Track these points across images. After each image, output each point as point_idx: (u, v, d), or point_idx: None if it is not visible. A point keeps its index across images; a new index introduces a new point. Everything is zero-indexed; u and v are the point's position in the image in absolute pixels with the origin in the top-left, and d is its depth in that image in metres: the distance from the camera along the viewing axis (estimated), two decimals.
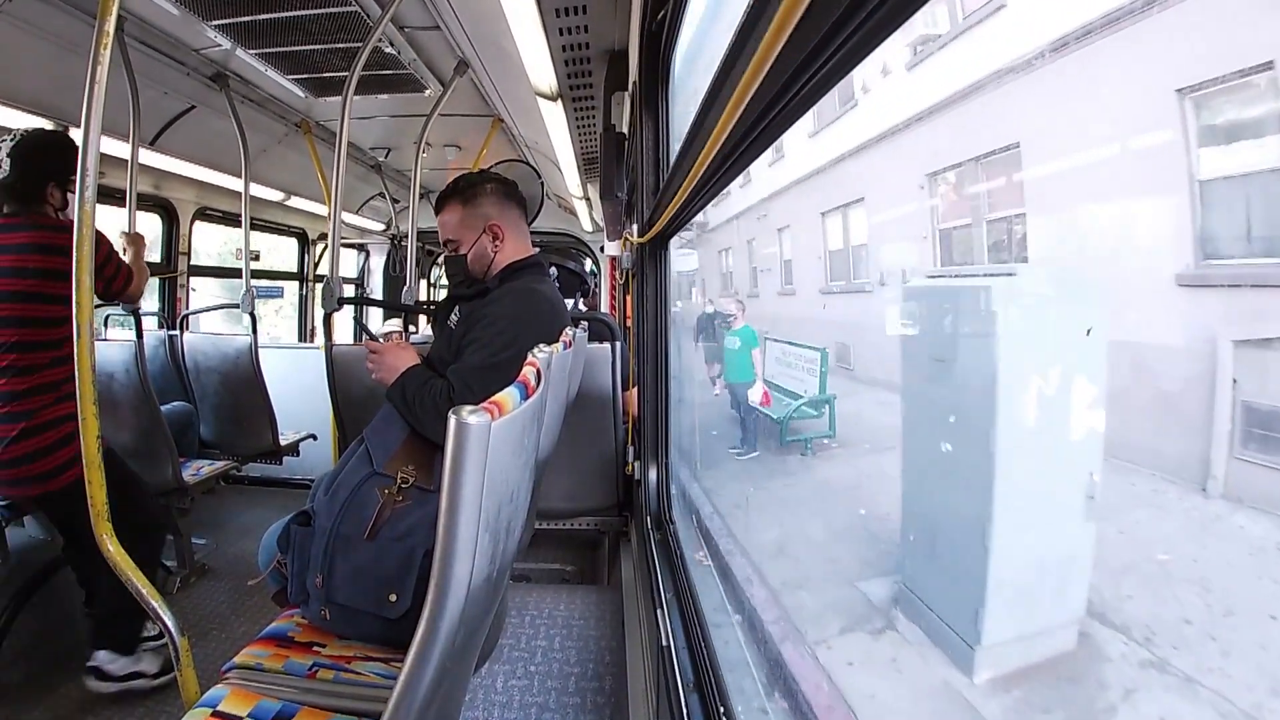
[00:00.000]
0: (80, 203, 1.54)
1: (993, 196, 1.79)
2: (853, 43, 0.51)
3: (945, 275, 1.99)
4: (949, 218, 2.04)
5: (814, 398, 3.57)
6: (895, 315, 2.22)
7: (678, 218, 1.56)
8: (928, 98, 2.12)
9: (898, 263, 2.88)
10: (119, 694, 2.11)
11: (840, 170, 3.33)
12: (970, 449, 1.60)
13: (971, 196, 1.90)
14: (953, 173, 2.05)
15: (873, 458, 3.16)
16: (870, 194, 3.20)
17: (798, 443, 3.63)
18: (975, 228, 1.90)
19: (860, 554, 2.41)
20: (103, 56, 1.50)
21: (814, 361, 3.65)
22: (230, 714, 1.20)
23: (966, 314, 1.63)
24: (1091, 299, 1.32)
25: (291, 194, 4.75)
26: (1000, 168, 1.75)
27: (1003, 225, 1.77)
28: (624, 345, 2.58)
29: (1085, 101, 1.35)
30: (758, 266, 5.39)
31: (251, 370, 3.39)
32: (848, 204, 3.44)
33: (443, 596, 0.72)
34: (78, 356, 1.57)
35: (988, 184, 1.82)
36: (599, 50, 2.64)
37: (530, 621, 2.13)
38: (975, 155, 1.84)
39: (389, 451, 1.53)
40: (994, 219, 1.82)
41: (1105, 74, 1.25)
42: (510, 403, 0.79)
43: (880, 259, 3.09)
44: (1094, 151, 1.28)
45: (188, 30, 2.69)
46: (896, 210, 2.81)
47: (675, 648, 1.41)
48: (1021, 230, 1.67)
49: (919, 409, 1.92)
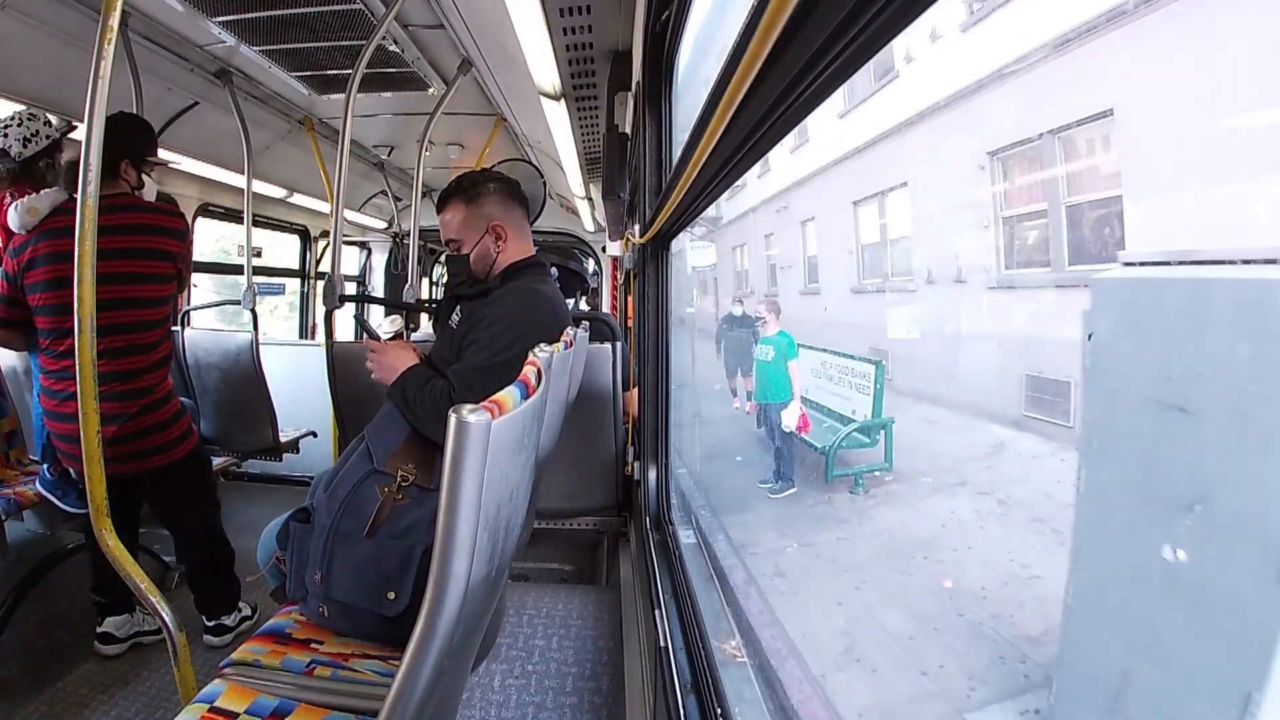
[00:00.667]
0: (82, 199, 1.54)
1: (1078, 176, 1.49)
2: (857, 44, 0.51)
3: (1186, 262, 1.18)
4: (1017, 203, 1.78)
5: (867, 421, 2.92)
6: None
7: (679, 218, 1.56)
8: (987, 63, 1.80)
9: (949, 257, 2.54)
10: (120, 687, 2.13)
11: (877, 153, 2.97)
12: (1233, 564, 0.96)
13: (1047, 177, 1.59)
14: (1023, 149, 1.73)
15: (942, 500, 2.65)
16: (915, 178, 2.81)
17: (845, 477, 2.98)
18: (1052, 214, 1.59)
19: (962, 658, 1.86)
20: (106, 52, 1.50)
21: (866, 376, 2.99)
22: (227, 710, 1.20)
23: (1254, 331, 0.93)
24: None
25: (294, 191, 4.75)
26: (1086, 141, 1.42)
27: (1089, 210, 1.45)
28: (624, 345, 2.58)
29: (1218, 50, 0.99)
30: (777, 263, 5.02)
31: (252, 367, 3.38)
32: (886, 191, 3.05)
33: (441, 594, 0.72)
34: (78, 352, 1.57)
35: (1071, 163, 1.50)
36: (602, 50, 2.65)
37: (528, 621, 2.13)
38: (1052, 128, 1.53)
39: (389, 449, 1.53)
40: (1077, 203, 1.50)
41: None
42: (510, 402, 0.79)
43: (927, 253, 2.71)
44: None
45: (191, 26, 2.69)
46: (948, 197, 2.48)
47: (673, 648, 1.41)
48: (1111, 214, 1.31)
49: (1115, 476, 1.25)
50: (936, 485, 2.66)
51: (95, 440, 1.62)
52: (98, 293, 1.81)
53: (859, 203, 3.20)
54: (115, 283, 2.02)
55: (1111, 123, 1.29)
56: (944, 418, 2.10)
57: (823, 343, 3.46)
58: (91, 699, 2.08)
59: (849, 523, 2.85)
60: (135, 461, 2.14)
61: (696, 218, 1.75)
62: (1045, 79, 1.57)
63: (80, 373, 1.58)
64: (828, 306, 3.91)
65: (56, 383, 2.10)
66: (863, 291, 3.25)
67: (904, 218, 2.87)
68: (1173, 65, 1.12)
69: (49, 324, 2.06)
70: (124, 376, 2.08)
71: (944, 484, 2.60)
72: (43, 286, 2.04)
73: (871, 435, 2.85)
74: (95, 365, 1.61)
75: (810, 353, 3.54)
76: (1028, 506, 2.50)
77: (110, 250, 1.98)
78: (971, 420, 2.74)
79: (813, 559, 2.78)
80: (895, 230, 2.94)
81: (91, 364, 1.59)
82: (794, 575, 2.66)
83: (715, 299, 5.77)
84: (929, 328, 2.81)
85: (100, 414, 1.88)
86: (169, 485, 2.29)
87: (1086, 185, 1.46)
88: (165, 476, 2.25)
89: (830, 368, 3.29)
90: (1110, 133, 1.32)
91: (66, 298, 1.87)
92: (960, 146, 2.07)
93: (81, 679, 2.15)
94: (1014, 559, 2.31)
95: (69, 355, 1.98)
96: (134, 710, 2.05)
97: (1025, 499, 2.52)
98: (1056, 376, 2.24)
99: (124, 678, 2.18)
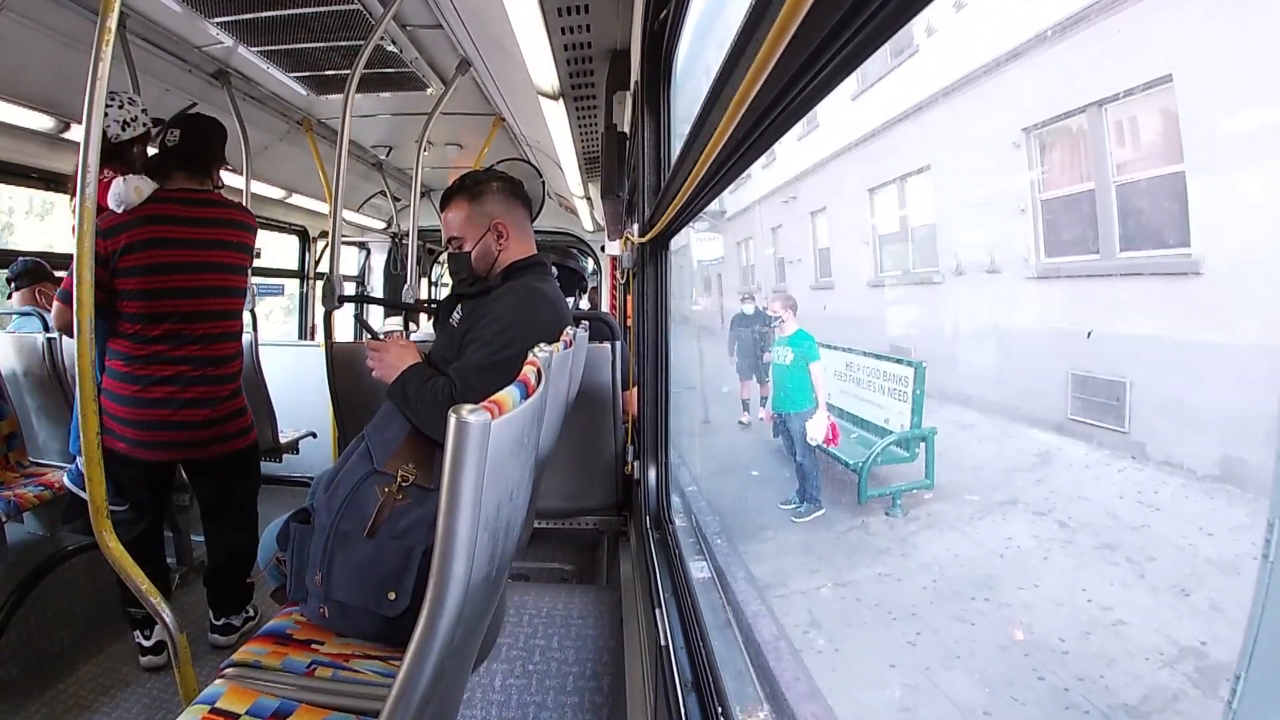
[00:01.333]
0: (81, 200, 1.54)
1: (1130, 152, 1.34)
2: (855, 43, 0.51)
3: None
4: (1058, 183, 1.58)
5: (906, 433, 2.51)
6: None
7: (679, 217, 1.56)
8: (1020, 30, 1.60)
9: (979, 245, 2.26)
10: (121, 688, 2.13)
11: (894, 136, 2.70)
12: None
13: (1094, 154, 1.42)
14: (1065, 123, 1.54)
15: (994, 522, 2.22)
16: (938, 161, 2.52)
17: (881, 497, 2.56)
18: (1101, 195, 1.41)
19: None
20: (104, 53, 1.50)
21: (903, 380, 2.57)
22: (228, 711, 1.20)
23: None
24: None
25: (292, 191, 4.75)
26: (1140, 112, 1.27)
27: (1144, 190, 1.28)
28: (624, 345, 2.58)
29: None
30: (785, 257, 4.86)
31: (252, 367, 3.38)
32: (905, 176, 2.76)
33: (441, 594, 0.72)
34: (78, 353, 1.57)
35: (1121, 138, 1.34)
36: (601, 49, 2.64)
37: (529, 620, 2.13)
38: (1097, 99, 1.36)
39: (389, 449, 1.53)
40: (1127, 181, 1.34)
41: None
42: (510, 401, 0.79)
43: (954, 242, 2.42)
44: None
45: (189, 27, 2.69)
46: (977, 180, 2.22)
47: (674, 647, 1.41)
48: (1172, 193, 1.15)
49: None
50: (984, 504, 2.31)
51: (95, 441, 1.62)
52: (195, 281, 2.04)
53: (875, 190, 2.99)
54: (210, 271, 2.14)
55: (1170, 90, 1.18)
56: (977, 421, 1.85)
57: (838, 341, 3.15)
58: (92, 700, 2.08)
59: (890, 553, 2.43)
60: (223, 444, 2.25)
61: (697, 215, 1.74)
62: (1089, 44, 1.44)
63: (80, 376, 1.58)
64: (827, 306, 3.82)
65: (143, 368, 2.09)
66: (881, 285, 3.01)
67: (927, 205, 2.64)
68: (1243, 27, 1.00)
69: (142, 309, 2.07)
70: (217, 362, 2.20)
71: (992, 502, 2.25)
72: (142, 271, 2.04)
73: (910, 448, 2.50)
74: (95, 368, 1.61)
75: (832, 353, 3.18)
76: (1093, 530, 2.17)
77: (206, 241, 2.12)
78: (1009, 425, 2.42)
79: (853, 603, 2.31)
80: (917, 218, 2.71)
81: (91, 366, 1.59)
82: (832, 626, 2.22)
83: (719, 297, 5.56)
84: (956, 323, 2.55)
85: (193, 399, 2.08)
86: (241, 468, 2.41)
87: (1141, 162, 1.34)
88: (241, 460, 2.37)
89: (858, 370, 2.94)
90: (1168, 103, 1.20)
91: (164, 283, 2.02)
92: (991, 123, 1.88)
93: (82, 680, 2.15)
94: (1091, 598, 2.03)
95: (162, 341, 2.06)
96: (135, 711, 2.05)
97: (1088, 519, 2.20)
98: (1109, 376, 1.98)
99: (125, 679, 2.18)
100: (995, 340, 2.27)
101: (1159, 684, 1.63)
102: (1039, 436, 2.30)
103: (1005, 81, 1.75)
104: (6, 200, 6.70)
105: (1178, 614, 1.55)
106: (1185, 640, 1.68)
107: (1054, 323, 2.10)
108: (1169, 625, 1.75)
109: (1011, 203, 1.73)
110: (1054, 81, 1.57)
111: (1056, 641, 1.66)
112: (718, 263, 6.19)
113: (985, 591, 2.08)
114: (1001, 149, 1.76)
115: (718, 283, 5.87)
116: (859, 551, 2.56)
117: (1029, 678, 1.64)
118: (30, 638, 2.21)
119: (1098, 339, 1.69)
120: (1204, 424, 1.65)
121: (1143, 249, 1.48)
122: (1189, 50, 1.12)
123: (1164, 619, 1.77)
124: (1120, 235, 1.40)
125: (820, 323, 3.51)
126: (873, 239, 3.01)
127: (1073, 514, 2.21)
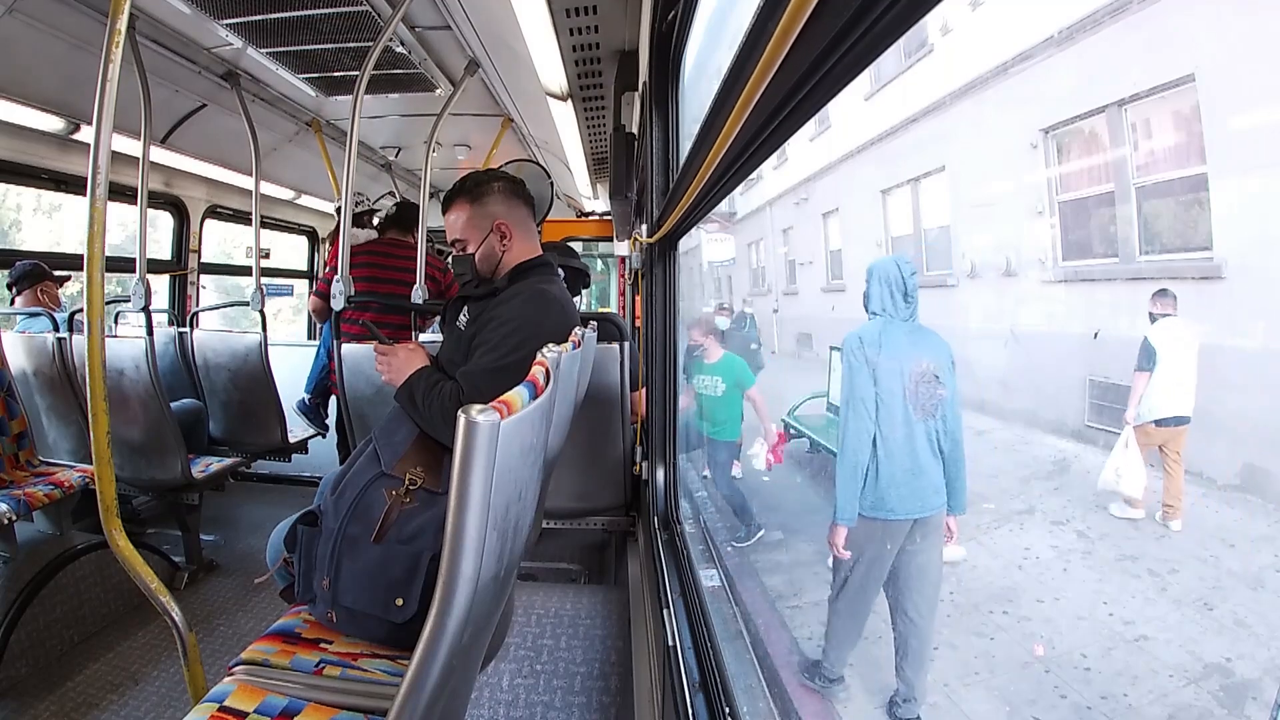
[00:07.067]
0: (91, 200, 1.54)
1: (1149, 153, 1.31)
2: (864, 44, 0.51)
3: None
4: (1076, 185, 1.56)
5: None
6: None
7: (687, 218, 1.56)
8: (1037, 30, 1.58)
9: (994, 247, 2.23)
10: (130, 686, 2.13)
11: (908, 137, 2.73)
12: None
13: (1113, 155, 1.40)
14: (1084, 124, 1.52)
15: (1011, 532, 2.14)
16: (953, 162, 2.51)
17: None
18: (1120, 197, 1.37)
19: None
20: (114, 54, 1.51)
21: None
22: (237, 709, 1.20)
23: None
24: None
25: (301, 192, 4.77)
26: (1161, 113, 1.24)
27: (1165, 192, 1.25)
28: (633, 345, 2.58)
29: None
30: (795, 259, 4.83)
31: (261, 368, 3.40)
32: (920, 177, 2.74)
33: (450, 594, 0.72)
34: (88, 353, 1.57)
35: (1141, 139, 1.31)
36: (609, 50, 2.65)
37: (537, 620, 2.13)
38: (1117, 99, 1.34)
39: (397, 452, 1.53)
40: (1149, 184, 1.30)
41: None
42: (519, 402, 0.79)
43: (969, 244, 2.40)
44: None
45: (199, 29, 2.71)
46: (992, 181, 2.20)
47: (681, 647, 1.40)
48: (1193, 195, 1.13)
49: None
50: (1000, 512, 2.25)
51: (105, 440, 1.62)
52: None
53: (888, 191, 2.97)
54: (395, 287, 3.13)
55: (1193, 89, 1.16)
56: (992, 427, 1.79)
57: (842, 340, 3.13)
58: (101, 698, 2.09)
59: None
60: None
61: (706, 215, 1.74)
62: (1109, 44, 1.43)
63: (90, 374, 1.58)
64: (835, 307, 3.79)
65: (355, 329, 2.91)
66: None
67: (942, 207, 2.62)
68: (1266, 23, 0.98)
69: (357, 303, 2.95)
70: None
71: (1009, 511, 2.19)
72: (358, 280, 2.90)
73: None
74: (104, 368, 1.61)
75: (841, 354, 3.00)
76: (1113, 541, 2.12)
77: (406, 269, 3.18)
78: (1024, 431, 2.39)
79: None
80: (931, 220, 2.68)
81: (101, 366, 1.59)
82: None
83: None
84: (968, 326, 2.50)
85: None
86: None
87: (1160, 164, 1.32)
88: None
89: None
90: (1190, 103, 1.18)
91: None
92: (1009, 124, 1.86)
93: (91, 678, 2.16)
94: (1112, 612, 2.00)
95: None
96: (144, 709, 2.06)
97: (1107, 530, 2.15)
98: (1127, 382, 1.89)
99: (134, 677, 2.19)
100: (1011, 344, 2.23)
101: (1184, 703, 1.60)
102: (1054, 443, 2.29)
103: (1023, 81, 1.74)
104: (15, 198, 6.76)
105: (1201, 629, 1.51)
106: (1210, 657, 1.65)
107: (1071, 326, 2.04)
108: (1193, 641, 1.72)
109: (1029, 204, 1.71)
110: (1074, 82, 1.56)
111: (1078, 658, 1.62)
112: (729, 262, 6.13)
113: (1004, 605, 2.05)
114: (1019, 150, 1.74)
115: (729, 284, 5.79)
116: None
117: (1051, 696, 1.61)
118: (40, 635, 2.22)
119: (1118, 344, 1.64)
120: (1225, 432, 1.63)
121: (1164, 252, 1.45)
122: (1211, 49, 1.11)
123: (1188, 635, 1.74)
124: (1140, 238, 1.38)
125: (829, 325, 3.68)
126: (886, 241, 3.02)
127: (1091, 524, 2.18)
